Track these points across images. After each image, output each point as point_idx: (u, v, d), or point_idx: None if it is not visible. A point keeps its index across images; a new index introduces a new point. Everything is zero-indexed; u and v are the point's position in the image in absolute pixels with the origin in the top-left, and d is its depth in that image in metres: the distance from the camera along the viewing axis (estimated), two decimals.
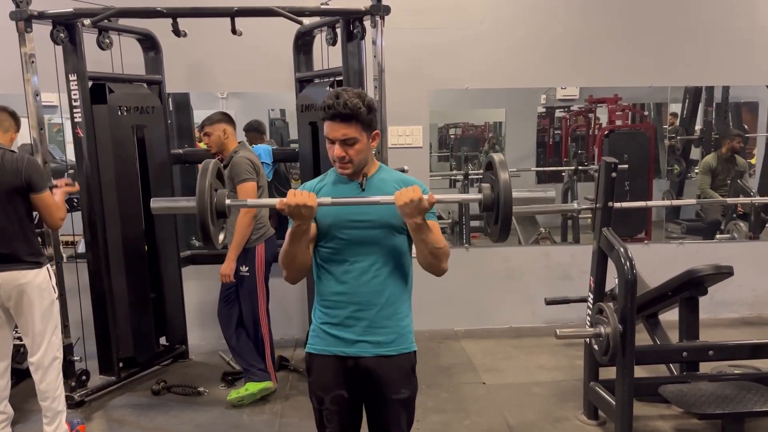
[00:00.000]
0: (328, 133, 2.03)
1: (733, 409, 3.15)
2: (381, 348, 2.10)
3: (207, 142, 3.83)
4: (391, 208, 2.03)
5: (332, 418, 2.15)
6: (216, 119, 3.82)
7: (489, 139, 7.86)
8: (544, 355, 4.56)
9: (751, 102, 7.46)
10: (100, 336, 4.00)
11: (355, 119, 2.00)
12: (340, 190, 2.11)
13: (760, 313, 5.35)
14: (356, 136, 2.02)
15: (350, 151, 2.03)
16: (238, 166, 3.70)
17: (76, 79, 3.77)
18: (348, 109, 1.97)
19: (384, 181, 2.13)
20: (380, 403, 2.16)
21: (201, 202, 1.98)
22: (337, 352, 2.11)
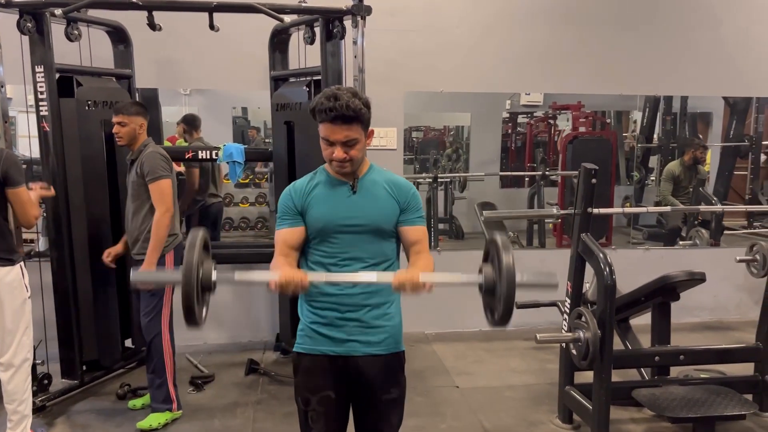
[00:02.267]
0: (328, 135, 1.97)
1: (704, 413, 3.22)
2: (371, 347, 2.10)
3: (118, 131, 3.48)
4: (381, 212, 2.07)
5: (318, 419, 2.11)
6: (135, 111, 3.51)
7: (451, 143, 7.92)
8: (515, 359, 4.59)
9: (705, 112, 7.71)
10: (62, 338, 3.83)
11: (357, 120, 1.96)
12: (332, 193, 2.08)
13: (720, 318, 5.51)
14: (357, 136, 1.99)
15: (351, 152, 1.99)
16: (153, 161, 3.42)
17: (42, 71, 3.61)
18: (351, 110, 1.93)
19: (375, 182, 2.11)
20: (370, 403, 2.15)
21: (188, 278, 1.83)
22: (327, 351, 2.09)
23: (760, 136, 7.04)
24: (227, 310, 4.92)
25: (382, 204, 2.09)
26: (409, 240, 2.12)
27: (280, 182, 4.38)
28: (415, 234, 2.12)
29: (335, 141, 1.97)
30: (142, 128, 3.53)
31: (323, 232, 2.06)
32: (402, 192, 2.12)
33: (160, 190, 3.42)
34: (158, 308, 3.52)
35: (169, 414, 3.57)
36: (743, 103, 6.82)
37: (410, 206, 2.12)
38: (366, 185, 2.09)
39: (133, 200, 3.50)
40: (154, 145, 3.55)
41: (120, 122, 3.47)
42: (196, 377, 4.15)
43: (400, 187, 2.12)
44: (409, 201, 2.12)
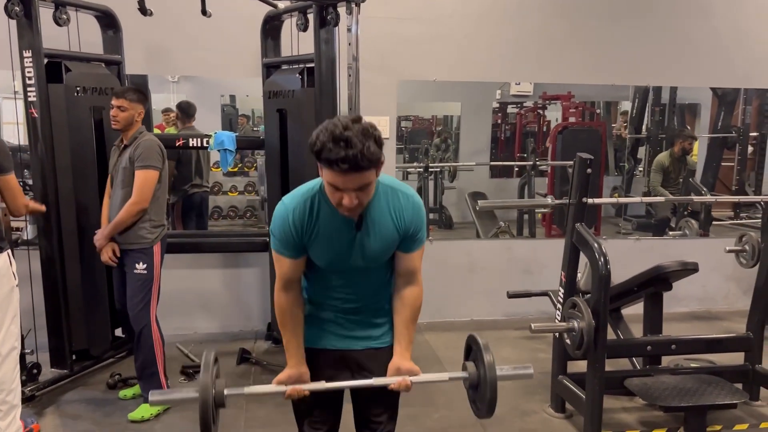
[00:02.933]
0: (337, 183, 1.73)
1: (696, 402, 3.25)
2: (371, 341, 2.10)
3: (116, 114, 3.43)
4: (386, 249, 1.98)
5: (314, 409, 2.11)
6: (137, 98, 3.47)
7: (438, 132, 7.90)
8: (506, 348, 4.61)
9: (693, 104, 7.75)
10: (51, 327, 3.79)
11: (373, 166, 1.74)
12: (335, 231, 1.92)
13: (708, 308, 5.56)
14: (371, 180, 1.78)
15: (362, 196, 1.78)
16: (149, 150, 3.39)
17: (30, 56, 3.54)
18: (366, 160, 1.68)
19: (381, 212, 1.92)
20: (370, 395, 2.12)
21: (204, 397, 1.88)
22: (327, 345, 2.09)
23: (748, 127, 7.10)
24: (217, 299, 4.89)
25: (387, 240, 1.95)
26: (402, 269, 2.03)
27: (272, 171, 4.35)
28: (411, 262, 2.02)
29: (346, 189, 1.74)
30: (140, 116, 3.49)
31: (326, 268, 2.01)
32: (407, 215, 1.94)
33: (144, 179, 3.38)
34: (146, 299, 3.48)
35: (161, 405, 3.54)
36: (731, 94, 6.86)
37: (413, 231, 1.97)
38: (371, 218, 1.91)
39: (123, 187, 3.45)
40: (150, 134, 3.52)
41: (120, 106, 3.42)
42: (187, 367, 4.12)
43: (405, 210, 1.94)
44: (414, 224, 1.96)
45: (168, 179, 3.69)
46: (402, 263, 2.03)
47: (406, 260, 2.02)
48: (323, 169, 1.76)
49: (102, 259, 3.51)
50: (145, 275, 3.46)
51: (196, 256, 4.75)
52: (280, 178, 4.29)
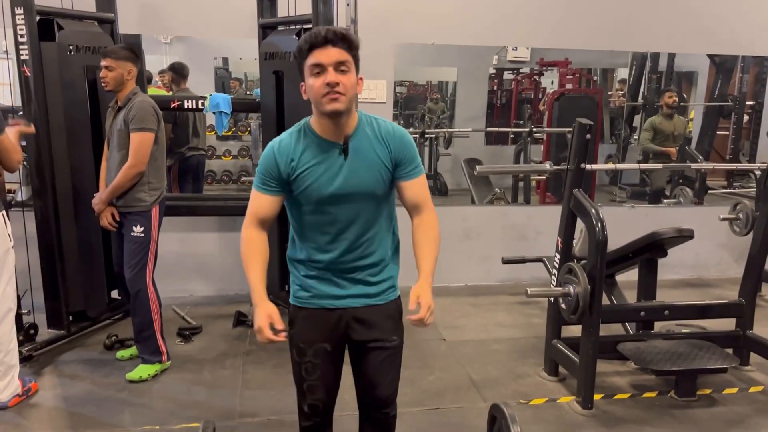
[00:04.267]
0: (319, 58, 1.83)
1: (686, 366, 3.31)
2: (370, 299, 2.08)
3: (105, 75, 3.34)
4: (375, 176, 1.98)
5: (313, 371, 2.10)
6: (124, 56, 3.36)
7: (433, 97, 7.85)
8: (501, 313, 4.65)
9: (690, 71, 7.71)
10: (48, 289, 3.79)
11: (347, 45, 1.86)
12: (322, 161, 1.95)
13: (700, 275, 5.62)
14: (349, 61, 1.86)
15: (343, 79, 1.84)
16: (143, 112, 3.32)
17: (22, 13, 3.48)
18: (339, 34, 1.85)
19: (366, 140, 1.97)
20: (370, 350, 2.11)
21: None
22: (326, 305, 2.07)
23: (744, 96, 7.08)
24: (214, 261, 4.89)
25: (375, 167, 1.97)
26: (409, 200, 2.04)
27: (268, 134, 4.31)
28: (414, 190, 2.03)
29: (327, 63, 1.83)
30: (130, 74, 3.40)
31: (317, 203, 1.98)
32: (394, 142, 1.99)
33: (140, 141, 3.32)
34: (143, 262, 3.47)
35: (159, 365, 3.57)
36: (729, 62, 6.82)
37: (405, 158, 2.00)
38: (357, 146, 1.96)
39: (119, 150, 3.41)
40: (144, 95, 3.45)
41: (107, 66, 3.35)
42: (183, 329, 4.14)
43: (392, 137, 1.99)
44: (403, 151, 1.99)
45: (165, 142, 3.65)
46: (407, 193, 2.04)
47: (409, 189, 2.03)
48: (306, 62, 1.87)
49: (101, 224, 3.49)
50: (142, 238, 3.44)
51: (192, 219, 4.73)
52: None
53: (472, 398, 3.38)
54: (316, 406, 2.14)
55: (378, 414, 2.20)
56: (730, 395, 3.44)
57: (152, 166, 3.42)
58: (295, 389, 2.19)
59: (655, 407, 3.31)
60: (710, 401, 3.38)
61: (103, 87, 3.43)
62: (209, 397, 3.36)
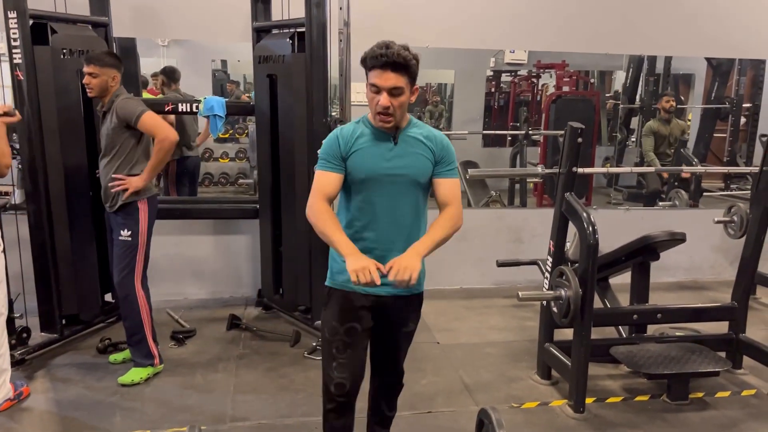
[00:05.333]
0: (377, 81, 2.06)
1: (679, 369, 3.30)
2: (397, 289, 2.18)
3: (89, 82, 3.34)
4: (420, 166, 2.21)
5: (344, 349, 2.26)
6: (108, 62, 3.36)
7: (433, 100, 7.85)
8: (494, 316, 4.65)
9: (687, 74, 7.71)
10: (41, 292, 3.80)
11: (405, 70, 2.06)
12: (376, 146, 2.18)
13: (695, 278, 5.61)
14: (403, 86, 2.08)
15: (395, 102, 2.08)
16: (127, 105, 3.33)
17: (15, 17, 3.49)
18: (401, 58, 2.03)
19: (414, 136, 2.22)
20: (390, 334, 2.38)
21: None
22: (358, 289, 2.21)
23: (741, 98, 7.08)
24: (208, 265, 4.89)
25: (420, 158, 2.20)
26: (442, 195, 2.24)
27: (262, 137, 4.31)
28: (444, 188, 2.24)
29: (383, 88, 2.05)
30: (114, 81, 3.41)
31: (365, 181, 2.18)
32: (437, 144, 2.23)
33: (150, 120, 3.33)
34: (131, 265, 3.47)
35: (151, 369, 3.57)
36: (726, 64, 6.82)
37: (444, 158, 2.24)
38: (406, 139, 2.21)
39: (108, 151, 3.42)
40: (125, 93, 3.46)
41: (91, 73, 3.35)
42: (177, 332, 4.14)
43: (436, 139, 2.24)
44: (443, 153, 2.24)
45: None
46: (441, 189, 2.24)
47: (444, 185, 2.24)
48: (368, 76, 2.10)
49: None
50: (130, 242, 3.44)
51: (187, 222, 4.73)
52: (270, 145, 4.26)
53: (464, 402, 3.38)
54: (342, 385, 2.27)
55: (392, 381, 2.53)
56: (722, 399, 3.43)
57: (137, 163, 3.42)
58: (322, 371, 2.33)
59: (648, 411, 3.31)
60: (702, 405, 3.37)
61: (88, 93, 3.43)
62: (201, 400, 3.35)
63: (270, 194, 4.33)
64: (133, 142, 3.41)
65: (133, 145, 3.42)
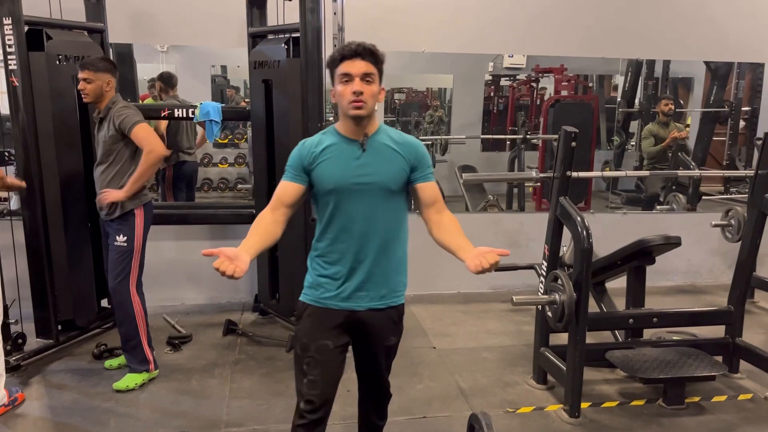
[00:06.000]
0: (348, 69, 2.05)
1: (675, 374, 3.29)
2: (373, 302, 2.19)
3: (83, 88, 3.36)
4: (390, 171, 2.15)
5: (315, 366, 2.19)
6: (102, 67, 3.37)
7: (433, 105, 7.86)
8: (491, 321, 4.64)
9: (686, 78, 7.71)
10: (37, 298, 3.79)
11: (374, 59, 2.08)
12: (342, 153, 2.14)
13: (693, 282, 5.59)
14: (374, 73, 2.08)
15: (367, 89, 2.06)
16: (126, 110, 3.34)
17: (10, 23, 3.49)
18: (368, 49, 2.07)
19: (383, 142, 2.17)
20: (370, 349, 2.31)
21: None
22: (331, 305, 2.19)
23: (740, 102, 7.08)
24: (205, 270, 4.86)
25: (390, 164, 2.15)
26: (425, 199, 2.20)
27: (258, 142, 4.32)
28: (429, 191, 2.21)
29: (355, 73, 2.05)
30: (109, 86, 3.41)
31: (333, 192, 2.14)
32: (410, 149, 2.19)
33: (143, 131, 3.33)
34: (126, 270, 3.47)
35: (146, 374, 3.56)
36: (724, 68, 6.83)
37: (420, 163, 2.19)
38: (375, 145, 2.15)
39: (104, 159, 3.42)
40: (122, 101, 3.46)
41: (86, 78, 3.36)
42: (173, 337, 4.13)
43: (408, 144, 2.19)
44: (419, 158, 2.19)
45: None
46: (425, 193, 2.20)
47: (426, 189, 2.21)
48: (337, 70, 2.08)
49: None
50: (125, 247, 3.44)
51: (183, 227, 4.73)
52: (266, 150, 4.26)
53: (460, 407, 3.37)
54: (312, 402, 2.20)
55: (378, 396, 2.46)
56: (718, 403, 3.42)
57: (132, 170, 3.41)
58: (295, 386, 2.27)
59: (643, 415, 3.30)
60: (699, 409, 3.36)
61: (83, 99, 3.44)
62: (196, 406, 3.35)
63: (266, 199, 4.29)
64: (129, 151, 3.42)
65: (129, 154, 3.42)
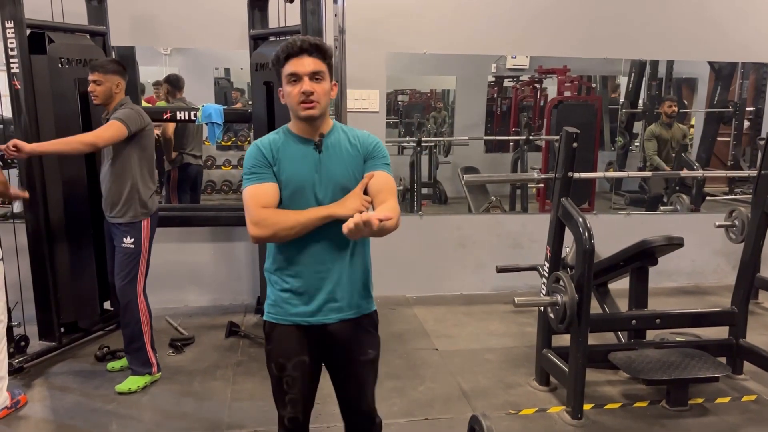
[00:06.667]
0: (295, 68, 1.94)
1: (678, 375, 3.28)
2: (342, 313, 2.07)
3: (93, 89, 3.38)
4: (347, 170, 2.02)
5: (294, 384, 2.09)
6: (111, 69, 3.40)
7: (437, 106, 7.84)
8: (494, 322, 4.63)
9: (690, 78, 7.68)
10: (39, 300, 3.80)
11: (321, 55, 1.97)
12: (298, 154, 2.01)
13: (697, 283, 5.57)
14: (324, 71, 1.97)
15: (318, 88, 1.95)
16: (127, 111, 3.35)
17: (12, 27, 3.50)
18: (314, 44, 1.95)
19: (339, 140, 2.05)
20: (347, 365, 2.15)
21: None
22: (299, 321, 2.06)
23: (744, 102, 7.04)
24: (208, 272, 4.90)
25: (347, 163, 2.03)
26: (372, 188, 2.01)
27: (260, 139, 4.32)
28: (377, 181, 2.01)
29: (303, 72, 1.93)
30: (119, 87, 3.43)
31: (292, 196, 1.99)
32: (365, 144, 2.07)
33: (109, 126, 3.28)
34: (133, 272, 3.47)
35: (149, 377, 3.57)
36: (728, 68, 6.79)
37: (372, 154, 2.06)
38: (330, 144, 2.03)
39: (108, 161, 3.43)
40: (130, 103, 3.47)
41: (96, 80, 3.37)
42: (175, 339, 4.14)
43: (362, 138, 2.08)
44: (371, 149, 2.06)
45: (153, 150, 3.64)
46: (372, 184, 2.02)
47: (374, 178, 2.02)
48: (283, 70, 1.97)
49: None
50: (132, 249, 3.45)
51: (186, 229, 4.74)
52: None
53: (462, 409, 3.36)
54: (296, 419, 2.14)
55: (363, 424, 2.25)
56: (722, 405, 3.40)
57: (140, 177, 3.43)
58: (275, 404, 2.18)
59: (646, 417, 3.28)
60: (702, 411, 3.34)
61: (93, 101, 3.45)
62: (198, 408, 3.35)
63: None
64: (135, 151, 3.42)
65: (135, 155, 3.43)
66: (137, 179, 3.43)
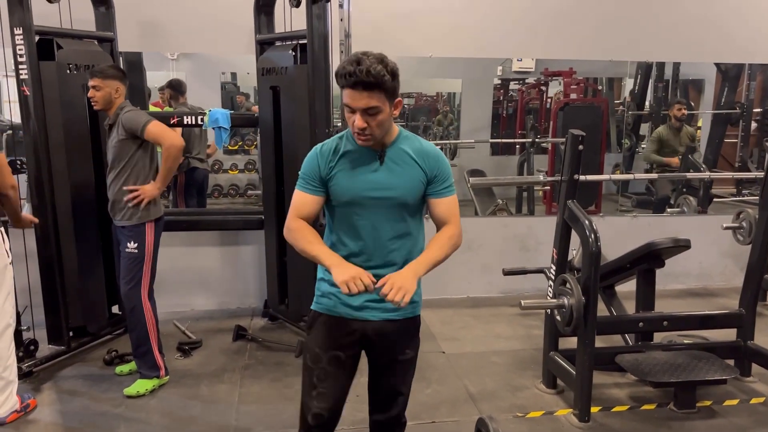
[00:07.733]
0: (349, 102, 1.90)
1: (685, 377, 3.27)
2: (387, 313, 2.10)
3: (93, 95, 3.40)
4: (409, 186, 2.04)
5: (325, 378, 2.13)
6: (111, 74, 3.41)
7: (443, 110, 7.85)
8: (501, 325, 4.63)
9: (697, 80, 7.66)
10: (48, 304, 3.83)
11: (379, 88, 1.87)
12: (360, 166, 2.04)
13: (705, 285, 5.55)
14: (379, 105, 1.90)
15: (372, 122, 1.92)
16: (133, 115, 3.37)
17: (21, 33, 3.54)
18: (371, 77, 1.84)
19: (403, 152, 2.05)
20: (386, 363, 2.20)
21: None
22: (344, 314, 2.11)
23: (751, 103, 7.02)
24: (215, 276, 4.92)
25: (409, 177, 2.04)
26: (438, 216, 2.10)
27: (267, 148, 4.34)
28: (442, 208, 2.09)
29: (356, 108, 1.90)
30: (118, 93, 3.44)
31: (349, 204, 2.05)
32: (430, 160, 2.06)
33: (155, 131, 3.35)
34: (138, 276, 3.49)
35: (157, 380, 3.58)
36: (735, 69, 6.77)
37: (438, 176, 2.07)
38: (393, 156, 2.04)
39: (115, 165, 3.45)
40: (131, 107, 3.48)
41: (95, 86, 3.40)
42: (183, 343, 4.16)
43: (428, 155, 2.06)
44: (437, 171, 2.07)
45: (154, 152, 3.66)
46: (437, 209, 2.09)
47: (440, 206, 2.09)
48: (342, 95, 1.92)
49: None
50: (136, 254, 3.46)
51: (193, 233, 4.77)
52: (274, 156, 4.29)
53: (469, 411, 3.36)
54: (320, 416, 2.14)
55: (391, 420, 2.29)
56: (730, 407, 3.39)
57: (145, 173, 3.45)
58: (301, 398, 2.20)
59: (654, 420, 3.27)
60: (710, 413, 3.33)
61: (93, 106, 3.48)
62: (205, 412, 3.36)
63: (274, 205, 4.35)
64: (140, 154, 3.45)
65: (141, 158, 3.45)
66: (143, 183, 3.45)
